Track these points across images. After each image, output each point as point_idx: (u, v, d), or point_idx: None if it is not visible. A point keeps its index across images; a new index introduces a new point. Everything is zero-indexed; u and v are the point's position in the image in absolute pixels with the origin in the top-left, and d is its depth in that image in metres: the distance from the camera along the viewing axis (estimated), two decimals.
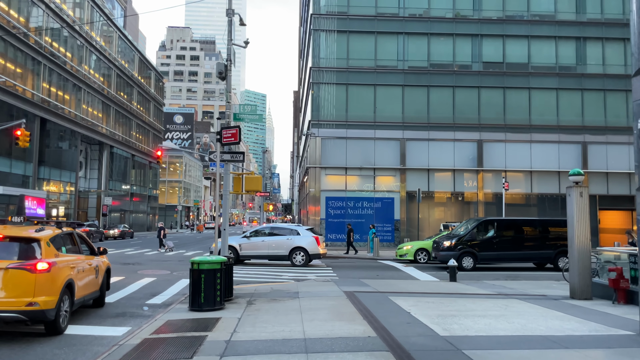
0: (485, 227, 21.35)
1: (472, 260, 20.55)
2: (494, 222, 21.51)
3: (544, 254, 21.06)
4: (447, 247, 20.83)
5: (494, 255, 20.82)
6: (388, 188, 33.36)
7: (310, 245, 21.87)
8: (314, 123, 33.32)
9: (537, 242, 21.15)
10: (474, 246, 20.72)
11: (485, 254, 20.74)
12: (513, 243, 21.06)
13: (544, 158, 33.86)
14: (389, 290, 13.71)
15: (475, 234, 21.02)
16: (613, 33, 34.51)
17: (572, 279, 12.72)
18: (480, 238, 20.96)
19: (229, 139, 12.83)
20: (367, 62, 33.94)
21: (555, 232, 21.33)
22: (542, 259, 21.26)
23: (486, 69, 34.25)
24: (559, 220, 21.69)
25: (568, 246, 12.93)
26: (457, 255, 20.12)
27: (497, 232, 21.06)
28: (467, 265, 20.43)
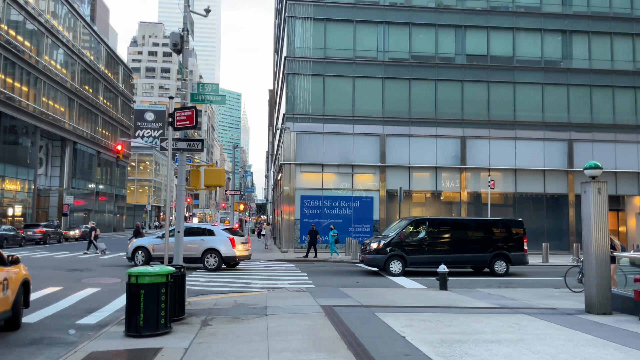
0: (417, 228, 19.57)
1: (400, 264, 18.79)
2: (426, 222, 19.68)
3: (479, 257, 19.44)
4: (375, 250, 18.97)
5: (426, 258, 18.99)
6: (367, 186, 31.38)
7: (223, 246, 19.92)
8: (289, 117, 31.11)
9: (473, 244, 19.50)
10: (404, 249, 18.95)
11: (415, 257, 18.99)
12: (446, 245, 19.37)
13: (528, 156, 32.39)
14: (374, 304, 11.65)
15: (405, 235, 19.22)
16: (599, 27, 33.28)
17: (588, 290, 10.86)
18: (410, 240, 19.22)
19: (183, 122, 10.59)
20: (346, 52, 31.90)
21: (492, 234, 19.88)
22: (478, 263, 19.64)
23: (470, 62, 32.61)
24: (495, 221, 20.49)
25: (583, 252, 11.08)
26: (384, 259, 18.69)
27: (429, 233, 19.35)
28: (395, 270, 18.71)
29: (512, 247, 19.74)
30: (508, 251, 19.64)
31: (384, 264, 18.73)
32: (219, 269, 20.06)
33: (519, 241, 19.96)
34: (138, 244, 20.81)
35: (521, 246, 19.93)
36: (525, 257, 19.98)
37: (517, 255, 19.77)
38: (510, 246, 19.73)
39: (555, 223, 32.53)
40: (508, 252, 19.64)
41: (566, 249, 31.91)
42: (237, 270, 20.59)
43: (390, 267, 18.74)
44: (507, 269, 19.57)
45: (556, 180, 32.52)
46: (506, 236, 19.97)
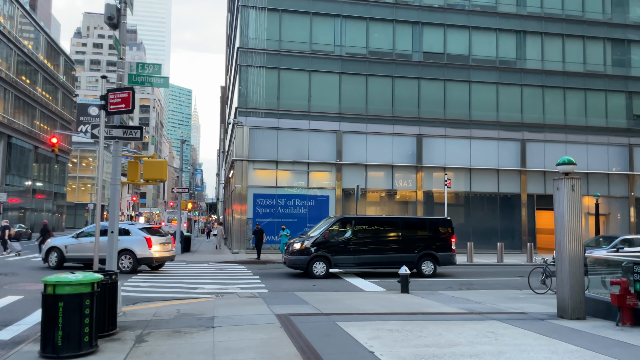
0: (343, 227, 18.61)
1: (324, 265, 17.83)
2: (352, 221, 18.73)
3: (407, 257, 18.56)
4: (298, 251, 17.96)
5: (351, 259, 18.19)
6: (323, 185, 30.38)
7: (138, 247, 18.59)
8: (242, 111, 29.67)
9: (401, 244, 18.82)
10: (329, 249, 17.97)
11: (340, 257, 18.08)
12: (373, 245, 18.55)
13: (483, 155, 32.33)
14: (335, 311, 10.60)
15: (330, 235, 18.23)
16: (552, 28, 33.68)
17: (561, 293, 10.22)
18: (335, 240, 18.22)
19: (118, 106, 9.16)
20: (302, 45, 30.78)
21: (420, 233, 19.30)
22: (406, 263, 18.60)
23: (427, 59, 32.21)
24: (423, 220, 19.99)
25: (556, 252, 10.44)
26: (307, 260, 17.73)
27: (356, 233, 18.43)
28: (319, 272, 17.72)
29: (440, 247, 19.17)
30: (436, 251, 19.01)
31: (307, 266, 17.73)
32: (135, 271, 18.64)
33: (447, 241, 19.39)
34: (52, 244, 19.09)
35: (449, 246, 19.36)
36: (453, 257, 19.43)
37: (445, 255, 19.18)
38: (438, 246, 19.14)
39: (508, 222, 32.65)
40: (436, 252, 19.01)
41: (518, 249, 32.06)
42: (183, 273, 19.09)
43: (313, 269, 17.74)
44: (435, 270, 18.95)
45: (509, 180, 32.64)
46: (434, 236, 19.31)
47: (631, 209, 33.85)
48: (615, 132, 33.81)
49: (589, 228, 33.22)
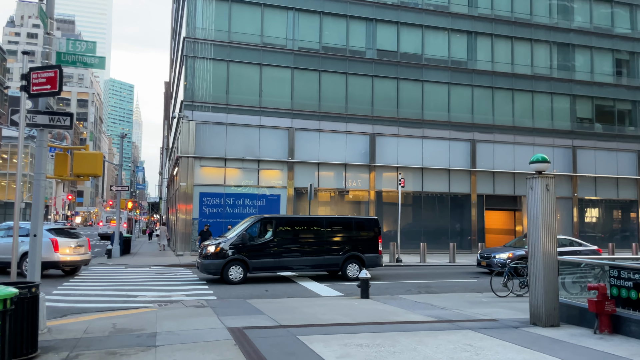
0: (263, 228, 17.39)
1: (242, 270, 16.52)
2: (273, 221, 17.44)
3: (331, 260, 17.66)
4: (212, 254, 16.53)
5: (272, 262, 17.01)
6: (274, 183, 29.20)
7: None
8: (188, 104, 28.00)
9: (325, 245, 17.75)
10: (247, 252, 16.69)
11: (259, 261, 16.84)
12: (296, 247, 17.40)
13: (435, 155, 32.21)
14: (294, 322, 9.56)
15: (248, 236, 16.96)
16: (502, 30, 34.06)
17: (535, 299, 9.65)
18: (254, 241, 16.95)
19: (43, 87, 7.74)
20: (253, 37, 29.46)
21: (346, 234, 18.19)
22: (330, 266, 17.83)
23: (380, 57, 31.71)
24: (349, 219, 18.85)
25: (529, 255, 9.86)
26: (222, 265, 16.37)
27: (276, 234, 17.20)
28: (235, 277, 16.41)
29: (367, 248, 18.22)
30: (362, 253, 18.04)
31: (222, 271, 16.35)
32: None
33: (374, 242, 18.44)
34: None
35: (376, 247, 18.42)
36: (379, 259, 18.56)
37: (371, 257, 18.23)
38: (365, 247, 18.19)
39: (459, 222, 32.71)
40: (362, 254, 18.02)
41: (468, 248, 32.17)
42: (121, 279, 17.46)
43: (229, 274, 16.39)
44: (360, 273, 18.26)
45: (460, 180, 32.70)
46: (360, 236, 18.30)
47: (574, 210, 34.77)
48: (560, 134, 34.62)
49: None
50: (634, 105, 36.63)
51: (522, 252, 19.69)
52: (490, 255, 20.26)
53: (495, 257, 19.88)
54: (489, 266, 20.16)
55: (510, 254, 19.64)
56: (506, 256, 19.58)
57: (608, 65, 36.27)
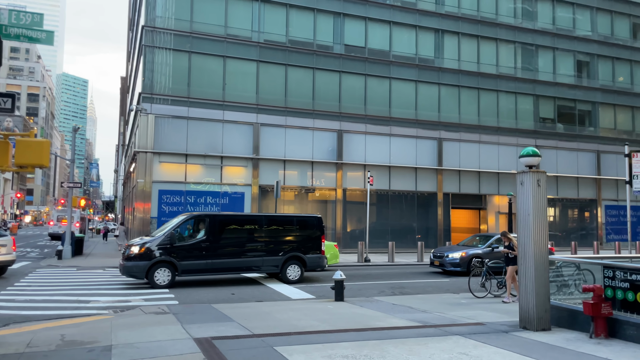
0: (195, 227, 15.99)
1: (169, 273, 14.98)
2: (206, 220, 15.94)
3: (270, 261, 16.37)
4: (136, 255, 14.89)
5: (204, 264, 15.47)
6: (238, 181, 28.06)
7: None
8: (146, 96, 26.50)
9: (264, 245, 16.43)
10: (176, 253, 15.12)
11: (190, 263, 15.28)
12: (231, 248, 15.99)
13: (402, 153, 31.82)
14: (268, 330, 8.64)
15: (178, 235, 15.48)
16: (468, 29, 34.02)
17: (525, 302, 9.07)
18: (184, 241, 15.47)
19: None
20: (216, 28, 28.21)
21: (286, 233, 16.96)
22: (269, 268, 16.56)
23: (348, 52, 31.04)
24: (290, 218, 17.81)
25: (519, 255, 9.29)
26: (147, 267, 14.82)
27: (210, 233, 15.67)
28: (162, 281, 14.86)
29: (309, 248, 17.00)
30: (304, 253, 16.80)
31: (147, 273, 14.79)
32: None
33: (317, 242, 17.24)
34: None
35: (319, 247, 17.22)
36: (323, 260, 17.37)
37: (314, 257, 17.04)
38: (307, 247, 16.97)
39: (425, 221, 32.46)
40: (303, 255, 16.78)
41: (434, 247, 31.84)
42: (72, 283, 16.03)
43: (155, 278, 14.83)
44: (301, 275, 16.70)
45: (427, 178, 32.44)
46: (302, 236, 17.08)
47: None
48: (524, 134, 34.90)
49: (498, 228, 33.96)
50: (594, 106, 37.38)
51: (475, 251, 19.36)
52: (442, 255, 19.76)
53: (447, 257, 19.40)
54: (441, 265, 19.68)
55: (463, 253, 19.24)
56: (459, 255, 19.19)
57: (569, 66, 36.86)
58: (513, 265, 12.71)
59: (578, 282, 10.70)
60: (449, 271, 19.67)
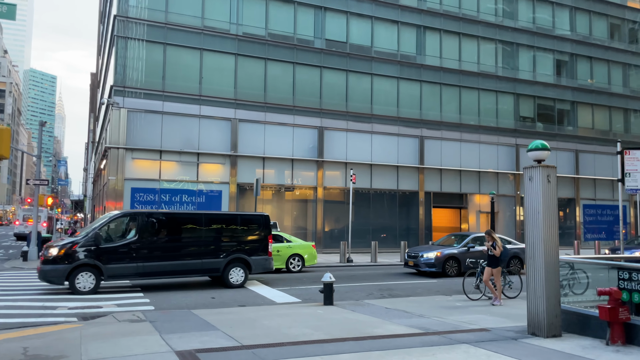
0: (125, 226, 14.55)
1: (93, 277, 13.46)
2: (137, 218, 14.42)
3: (210, 264, 14.94)
4: (55, 258, 13.33)
5: (133, 268, 13.93)
6: (215, 178, 27.00)
7: None
8: (118, 89, 25.22)
9: (203, 247, 15.03)
10: (102, 255, 13.61)
11: (118, 266, 13.76)
12: (166, 249, 14.53)
13: (384, 151, 31.22)
14: (258, 341, 7.79)
15: (105, 235, 14.00)
16: (450, 26, 33.63)
17: (534, 306, 8.45)
18: (112, 242, 13.98)
19: None
20: (193, 19, 27.07)
21: (229, 233, 15.62)
22: (209, 271, 15.13)
23: (329, 47, 30.27)
24: (234, 216, 16.34)
25: (527, 256, 8.65)
26: (68, 270, 13.27)
27: (142, 233, 14.22)
28: (84, 287, 13.34)
29: (255, 249, 15.73)
30: (249, 255, 15.51)
31: (67, 278, 13.28)
32: None
33: (263, 242, 15.99)
34: None
35: (265, 248, 15.98)
36: (269, 262, 16.07)
37: (260, 260, 15.74)
38: (252, 249, 15.69)
39: (406, 220, 31.95)
40: (248, 257, 15.49)
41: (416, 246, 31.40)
42: (37, 286, 14.84)
43: (76, 283, 13.32)
44: (245, 278, 15.42)
45: (408, 177, 31.93)
46: (247, 236, 15.81)
47: (517, 207, 35.02)
48: (504, 133, 34.73)
49: (479, 227, 33.71)
50: (572, 105, 37.51)
51: (451, 250, 18.74)
52: (417, 255, 19.00)
53: (422, 257, 18.69)
54: (416, 266, 18.91)
55: (438, 253, 18.58)
56: (434, 255, 18.52)
57: (549, 65, 36.88)
58: (496, 267, 12.14)
59: (572, 283, 10.22)
60: (423, 272, 18.88)
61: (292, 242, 19.81)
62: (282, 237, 19.88)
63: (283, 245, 19.40)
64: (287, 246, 19.51)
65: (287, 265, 19.33)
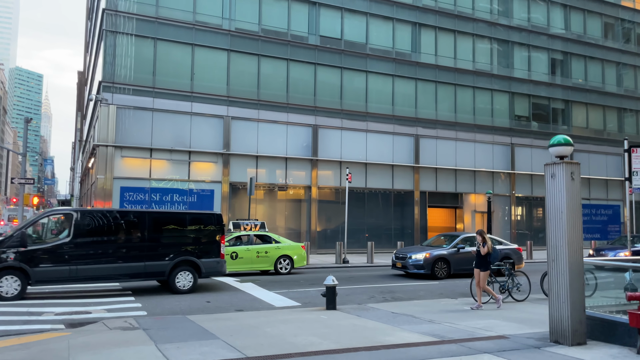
0: (58, 225, 13.75)
1: (19, 282, 12.32)
2: (71, 216, 13.03)
3: (153, 267, 13.64)
4: None
5: (67, 271, 12.66)
6: (207, 177, 26.27)
7: None
8: (107, 85, 24.39)
9: (147, 248, 13.73)
10: (29, 257, 12.42)
11: (47, 269, 12.55)
12: (104, 251, 13.25)
13: (379, 150, 30.69)
14: (264, 353, 7.18)
15: (33, 236, 13.00)
16: (445, 23, 33.21)
17: (558, 312, 7.92)
18: (42, 243, 12.92)
19: None
20: (184, 14, 26.31)
21: (176, 233, 14.24)
22: (153, 275, 13.84)
23: (323, 43, 29.66)
24: (182, 215, 14.90)
25: (548, 259, 8.13)
26: None
27: (76, 233, 12.88)
28: (8, 292, 12.22)
29: (205, 251, 14.38)
30: (198, 257, 14.21)
31: None
32: None
33: (214, 244, 14.58)
34: None
35: (217, 250, 14.58)
36: (221, 265, 14.67)
37: (211, 262, 14.40)
38: (202, 250, 14.36)
39: (401, 220, 31.46)
40: (197, 259, 14.17)
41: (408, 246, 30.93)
42: None
43: None
44: (194, 283, 14.11)
45: (404, 176, 31.44)
46: (197, 237, 14.48)
47: (512, 207, 34.71)
48: (500, 132, 34.40)
49: (474, 227, 33.33)
50: (567, 104, 37.30)
51: (440, 252, 17.96)
52: (405, 256, 18.17)
53: (410, 258, 17.89)
54: (404, 268, 18.10)
55: (427, 254, 17.73)
56: (422, 256, 17.70)
57: (544, 64, 36.62)
58: (485, 270, 11.58)
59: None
60: (412, 274, 18.11)
61: (281, 243, 19.10)
62: (271, 237, 19.17)
63: (271, 246, 18.72)
64: (276, 247, 18.79)
65: (275, 267, 18.59)
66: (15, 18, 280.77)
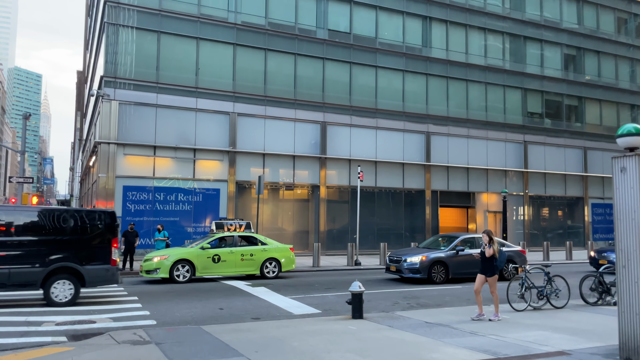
0: None
1: None
2: None
3: (23, 275, 11.36)
4: None
5: None
6: (213, 176, 25.26)
7: None
8: (109, 80, 23.39)
9: (16, 253, 11.34)
10: None
11: None
12: None
13: (389, 147, 29.74)
14: None
15: None
16: (456, 17, 32.25)
17: (630, 324, 6.94)
18: None
19: None
20: (189, 6, 25.32)
21: (51, 235, 11.72)
22: (20, 285, 11.49)
23: (332, 38, 28.69)
24: (59, 212, 12.06)
25: (617, 262, 7.17)
26: None
27: None
28: None
29: (90, 256, 12.04)
30: (81, 263, 11.82)
31: None
32: None
33: (104, 248, 12.23)
34: None
35: (107, 255, 12.21)
36: (112, 272, 12.30)
37: (98, 270, 12.05)
38: (87, 256, 11.99)
39: (412, 220, 30.50)
40: (80, 266, 11.79)
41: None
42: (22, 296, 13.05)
43: None
44: (76, 294, 11.82)
45: (414, 174, 30.49)
46: (80, 239, 12.02)
47: (525, 207, 33.75)
48: (512, 129, 33.47)
49: (487, 227, 32.38)
50: (581, 101, 36.36)
51: (437, 254, 16.62)
52: (400, 259, 16.81)
53: (405, 261, 16.55)
54: (399, 271, 16.71)
55: (423, 257, 16.41)
56: (418, 260, 16.35)
57: (557, 59, 35.68)
58: (492, 275, 10.45)
59: None
60: (407, 278, 16.79)
61: (268, 245, 17.72)
62: (257, 239, 17.77)
63: (257, 249, 17.33)
64: (262, 249, 17.37)
65: (261, 271, 17.17)
66: (13, 18, 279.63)
